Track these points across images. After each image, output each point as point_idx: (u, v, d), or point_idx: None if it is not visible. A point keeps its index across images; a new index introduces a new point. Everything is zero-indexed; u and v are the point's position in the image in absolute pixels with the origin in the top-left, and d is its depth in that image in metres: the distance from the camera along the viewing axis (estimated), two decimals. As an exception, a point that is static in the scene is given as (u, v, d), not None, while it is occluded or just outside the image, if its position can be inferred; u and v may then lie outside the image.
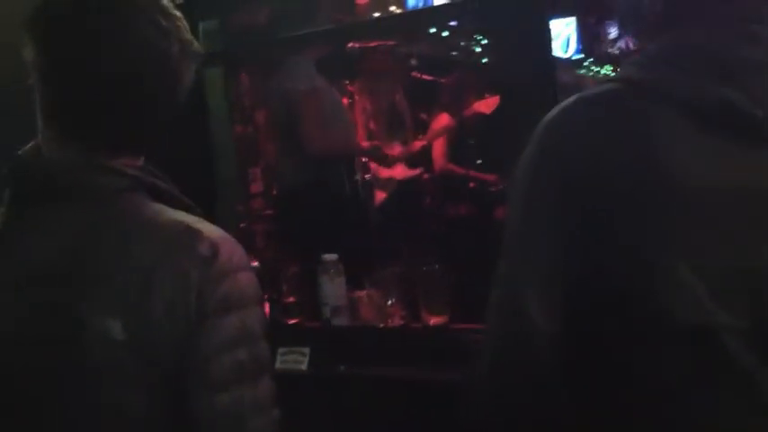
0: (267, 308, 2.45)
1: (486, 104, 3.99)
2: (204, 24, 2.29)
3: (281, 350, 2.18)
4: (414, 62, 3.60)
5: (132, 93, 1.12)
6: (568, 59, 5.96)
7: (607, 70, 6.71)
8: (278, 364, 2.14)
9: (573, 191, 0.95)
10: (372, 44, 3.46)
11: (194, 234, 1.08)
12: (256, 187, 4.48)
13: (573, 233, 0.94)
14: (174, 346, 1.03)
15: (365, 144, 3.47)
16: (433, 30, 5.14)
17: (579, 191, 0.95)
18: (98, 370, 1.03)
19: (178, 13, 1.18)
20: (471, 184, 4.33)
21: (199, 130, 2.30)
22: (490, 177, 4.35)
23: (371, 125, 3.75)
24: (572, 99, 1.02)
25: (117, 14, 1.11)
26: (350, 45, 3.42)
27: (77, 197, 1.10)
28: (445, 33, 5.18)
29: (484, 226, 3.99)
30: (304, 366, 2.12)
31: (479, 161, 4.42)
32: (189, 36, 1.18)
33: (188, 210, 1.16)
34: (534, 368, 0.95)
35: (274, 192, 4.03)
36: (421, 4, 5.02)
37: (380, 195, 3.56)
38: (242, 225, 4.14)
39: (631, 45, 1.12)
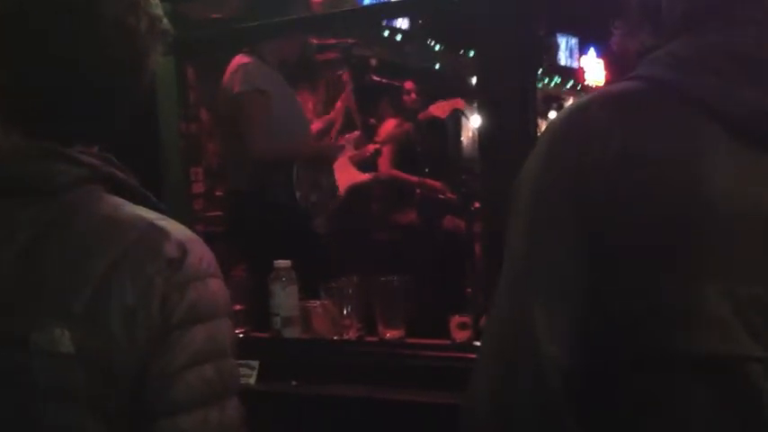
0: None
1: (441, 108, 3.93)
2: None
3: (227, 362, 2.04)
4: (372, 63, 3.50)
5: (91, 74, 0.98)
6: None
7: (556, 82, 6.78)
8: (224, 378, 1.99)
9: (589, 205, 0.85)
10: (332, 41, 3.35)
11: (160, 233, 0.95)
12: (198, 187, 4.33)
13: (588, 253, 0.85)
14: (133, 361, 0.90)
15: (317, 146, 3.34)
16: (386, 33, 5.09)
17: (596, 205, 0.85)
18: (44, 389, 0.89)
19: None
20: (418, 191, 4.27)
21: (146, 124, 2.14)
22: (437, 184, 4.29)
23: (320, 126, 3.62)
24: (587, 98, 0.92)
25: None
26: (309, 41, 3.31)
27: (24, 189, 0.96)
28: (398, 37, 5.12)
29: (433, 235, 3.92)
30: (252, 381, 1.99)
31: (426, 169, 4.36)
32: (159, 11, 1.05)
33: (151, 206, 1.02)
34: (544, 401, 0.85)
35: (218, 193, 3.90)
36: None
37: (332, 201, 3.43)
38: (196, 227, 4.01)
39: (639, 44, 1.02)
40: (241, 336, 2.22)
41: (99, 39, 0.97)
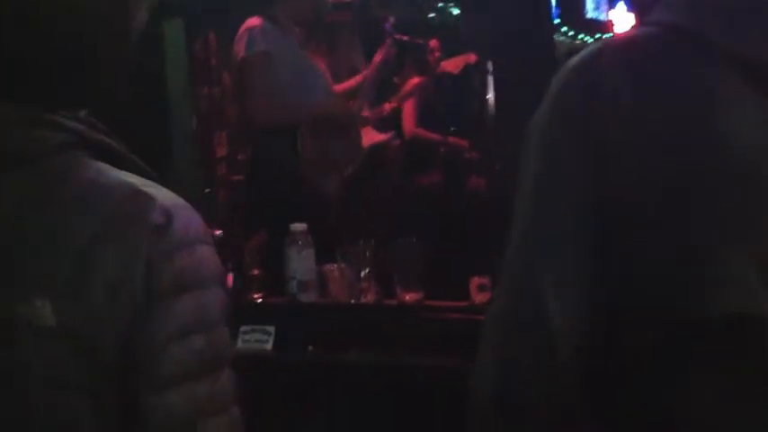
0: (230, 281, 2.28)
1: (454, 64, 3.82)
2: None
3: (243, 328, 2.02)
4: (391, 22, 3.40)
5: (70, 33, 0.93)
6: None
7: (584, 37, 6.60)
8: (240, 344, 1.98)
9: (606, 163, 0.78)
10: (346, 1, 3.27)
11: (144, 199, 0.90)
12: (221, 152, 4.31)
13: (597, 207, 0.78)
14: (117, 333, 0.86)
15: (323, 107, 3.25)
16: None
17: (614, 163, 0.78)
18: (27, 365, 0.85)
19: None
20: (442, 150, 4.19)
21: (153, 86, 2.10)
22: (462, 143, 4.21)
23: (346, 87, 3.54)
24: (599, 45, 0.85)
25: None
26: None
27: (4, 157, 0.91)
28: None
29: (456, 196, 3.85)
30: (268, 346, 1.96)
31: (452, 127, 4.27)
32: None
33: (140, 172, 0.98)
34: (556, 386, 0.78)
35: (239, 157, 3.87)
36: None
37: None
38: (207, 190, 3.98)
39: None
40: (259, 301, 2.19)
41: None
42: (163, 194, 0.93)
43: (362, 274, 2.12)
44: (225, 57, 3.87)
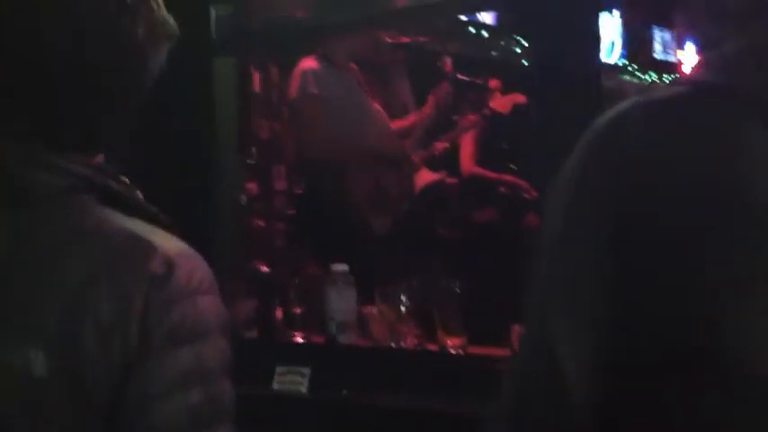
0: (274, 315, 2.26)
1: (503, 103, 3.76)
2: (217, 9, 2.10)
3: (279, 369, 1.99)
4: (448, 61, 3.38)
5: (80, 81, 0.93)
6: (612, 64, 5.73)
7: (652, 77, 6.47)
8: (275, 385, 1.95)
9: (626, 215, 0.76)
10: (404, 40, 3.25)
11: (145, 246, 0.88)
12: (280, 184, 4.34)
13: (622, 269, 0.76)
14: (108, 386, 0.84)
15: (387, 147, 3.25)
16: (472, 30, 4.95)
17: (634, 216, 0.76)
18: (17, 416, 0.84)
19: None
20: (502, 189, 4.11)
21: (203, 122, 2.11)
22: (521, 183, 4.13)
23: (405, 125, 3.53)
24: (630, 102, 0.82)
25: None
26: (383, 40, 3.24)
27: (7, 199, 0.91)
28: (485, 33, 4.97)
29: (512, 236, 3.77)
30: (303, 389, 1.92)
31: (512, 166, 4.20)
32: (161, 14, 0.99)
33: (151, 218, 0.96)
34: (561, 420, 0.77)
35: (297, 191, 3.90)
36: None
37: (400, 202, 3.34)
38: (261, 223, 4.01)
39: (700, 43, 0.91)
40: (297, 341, 2.16)
41: (85, 41, 0.92)
42: (167, 242, 0.91)
43: (403, 316, 2.07)
44: (284, 92, 3.94)
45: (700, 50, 0.95)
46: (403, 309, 2.07)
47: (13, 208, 0.90)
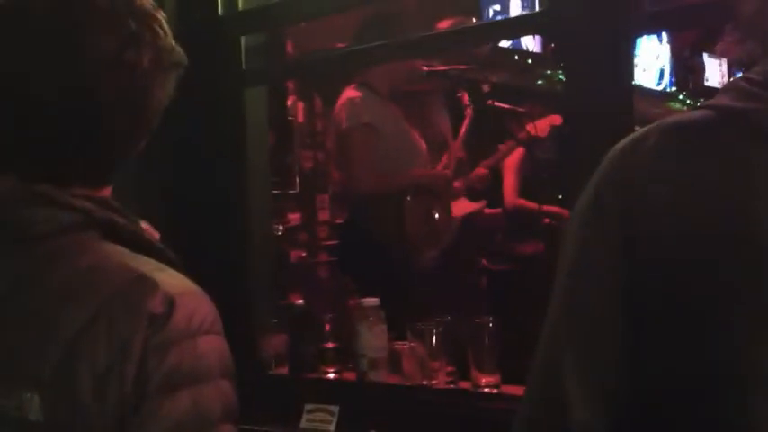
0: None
1: (541, 126, 3.69)
2: (247, 39, 2.09)
3: (307, 407, 1.94)
4: (487, 89, 3.34)
5: (82, 115, 0.90)
6: (661, 91, 5.63)
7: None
8: (303, 423, 1.89)
9: (636, 249, 0.76)
10: (442, 68, 3.22)
11: (146, 285, 0.85)
12: (324, 215, 4.33)
13: (630, 304, 0.76)
14: (105, 428, 0.80)
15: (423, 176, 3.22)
16: (516, 57, 4.90)
17: (644, 249, 0.75)
18: None
19: (159, 14, 0.96)
20: (546, 221, 4.03)
21: (236, 154, 2.09)
22: (564, 212, 4.04)
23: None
24: (650, 127, 0.82)
25: (67, 14, 0.89)
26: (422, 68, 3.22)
27: (6, 236, 0.88)
28: (528, 61, 4.91)
29: (550, 270, 3.67)
30: (332, 428, 1.87)
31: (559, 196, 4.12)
32: (168, 43, 0.96)
33: (156, 254, 0.93)
34: None
35: (338, 221, 3.87)
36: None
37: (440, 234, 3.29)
38: (302, 255, 3.98)
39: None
40: (328, 378, 2.12)
41: (88, 77, 0.89)
42: (171, 280, 0.87)
43: (435, 353, 2.01)
44: (327, 121, 3.94)
45: (738, 71, 0.91)
46: (435, 345, 2.00)
47: (12, 246, 0.88)
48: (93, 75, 0.90)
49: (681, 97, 5.98)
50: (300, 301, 2.51)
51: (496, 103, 3.67)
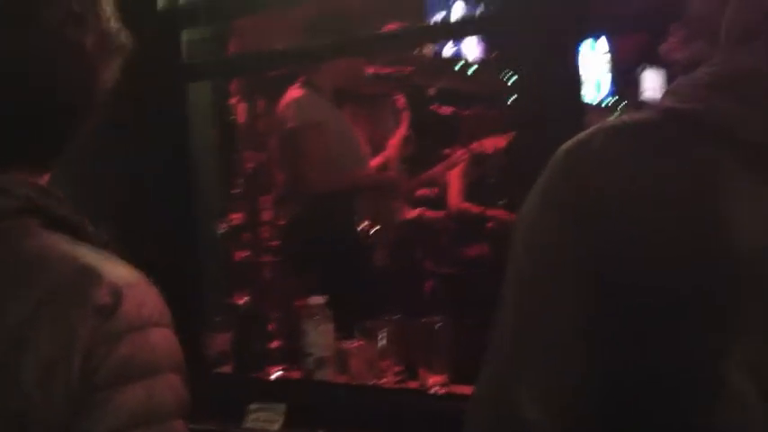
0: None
1: (489, 144, 3.76)
2: (189, 33, 2.05)
3: (252, 406, 1.90)
4: (431, 93, 3.36)
5: (24, 93, 0.87)
6: (599, 104, 5.74)
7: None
8: (248, 423, 1.86)
9: (589, 252, 0.74)
10: (387, 71, 3.23)
11: (90, 275, 0.81)
12: (266, 216, 4.28)
13: (587, 311, 0.73)
14: (52, 422, 0.76)
15: (375, 178, 3.22)
16: (459, 65, 4.94)
17: (597, 253, 0.73)
18: None
19: None
20: (489, 224, 4.06)
21: (178, 150, 2.05)
22: (509, 216, 4.08)
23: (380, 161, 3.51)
24: (594, 129, 0.80)
25: None
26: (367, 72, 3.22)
27: None
28: (472, 69, 4.96)
29: (499, 272, 3.71)
30: (277, 427, 1.84)
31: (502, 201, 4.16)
32: (112, 25, 0.93)
33: (100, 244, 0.89)
34: None
35: (280, 222, 3.84)
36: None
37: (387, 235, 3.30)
38: (246, 254, 3.93)
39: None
40: (274, 376, 2.08)
41: (27, 54, 0.86)
42: (116, 271, 0.84)
43: (383, 352, 2.00)
44: (271, 122, 3.89)
45: (681, 72, 0.92)
46: (383, 344, 1.99)
47: None
48: (34, 54, 0.86)
49: (620, 109, 6.11)
50: (246, 299, 2.48)
51: (439, 108, 3.70)
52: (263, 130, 4.34)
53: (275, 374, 2.13)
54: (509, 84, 5.08)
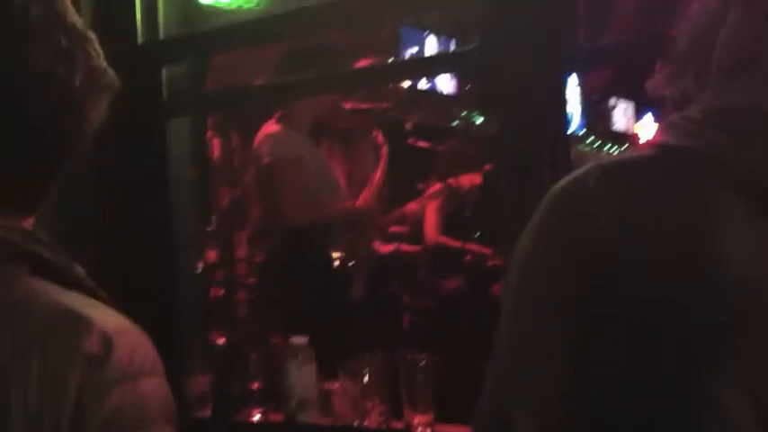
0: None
1: (461, 181, 3.78)
2: (168, 70, 2.03)
3: (233, 451, 1.85)
4: (408, 127, 3.37)
5: (10, 133, 0.84)
6: (570, 134, 5.81)
7: (611, 148, 6.55)
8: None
9: (582, 287, 0.73)
10: (365, 106, 3.23)
11: (79, 322, 0.78)
12: (241, 252, 4.23)
13: (585, 341, 0.73)
14: None
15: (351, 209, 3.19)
16: (432, 99, 4.98)
17: (591, 287, 0.73)
18: None
19: (90, 34, 0.91)
20: (467, 258, 4.06)
21: (157, 185, 2.01)
22: (486, 251, 4.09)
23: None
24: (589, 166, 0.78)
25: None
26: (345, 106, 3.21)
27: None
28: (445, 103, 5.01)
29: (478, 307, 3.69)
30: (260, 472, 1.79)
31: (477, 234, 4.16)
32: (100, 64, 0.91)
33: (88, 290, 0.86)
34: None
35: (257, 259, 3.79)
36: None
37: (365, 270, 3.27)
38: (220, 293, 3.87)
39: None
40: (255, 419, 2.03)
41: (16, 95, 0.83)
42: (106, 318, 0.81)
43: (367, 391, 1.95)
44: (246, 158, 3.87)
45: (670, 110, 0.91)
46: (367, 383, 1.95)
47: None
48: (25, 89, 0.83)
49: (589, 141, 6.18)
50: (223, 339, 2.43)
51: (416, 142, 3.71)
52: (237, 165, 4.33)
53: (256, 417, 2.08)
54: (481, 119, 5.14)
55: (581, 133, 6.11)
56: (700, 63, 0.85)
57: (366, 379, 1.95)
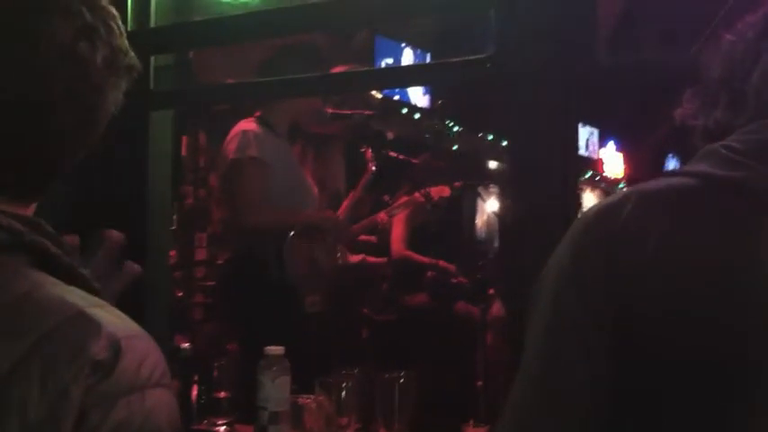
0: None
1: (436, 191, 3.75)
2: (157, 60, 1.93)
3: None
4: (389, 137, 3.32)
5: (25, 114, 0.77)
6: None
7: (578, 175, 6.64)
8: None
9: (619, 317, 0.73)
10: (347, 112, 3.16)
11: (87, 325, 0.72)
12: (201, 254, 4.12)
13: (613, 372, 0.73)
14: None
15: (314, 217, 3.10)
16: (404, 110, 4.96)
17: (628, 318, 0.72)
18: None
19: (113, 10, 0.85)
20: (430, 274, 4.03)
21: (136, 180, 1.91)
22: (451, 267, 4.06)
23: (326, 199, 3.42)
24: (626, 192, 0.79)
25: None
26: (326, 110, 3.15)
27: None
28: (417, 115, 4.99)
29: (443, 322, 3.66)
30: (228, 487, 1.70)
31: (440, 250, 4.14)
32: (123, 42, 0.85)
33: (90, 289, 0.79)
34: None
35: (219, 262, 3.68)
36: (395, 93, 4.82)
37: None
38: (179, 294, 3.76)
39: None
40: (223, 429, 1.94)
41: (39, 69, 0.76)
42: (114, 321, 0.73)
43: (342, 409, 1.89)
44: (213, 158, 3.77)
45: (700, 141, 0.89)
46: (342, 399, 1.88)
47: None
48: (43, 65, 0.76)
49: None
50: (186, 344, 2.33)
51: (391, 154, 3.67)
52: (203, 164, 4.22)
53: (222, 428, 1.99)
54: (453, 132, 5.14)
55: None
56: (733, 93, 0.84)
57: (343, 395, 1.89)
